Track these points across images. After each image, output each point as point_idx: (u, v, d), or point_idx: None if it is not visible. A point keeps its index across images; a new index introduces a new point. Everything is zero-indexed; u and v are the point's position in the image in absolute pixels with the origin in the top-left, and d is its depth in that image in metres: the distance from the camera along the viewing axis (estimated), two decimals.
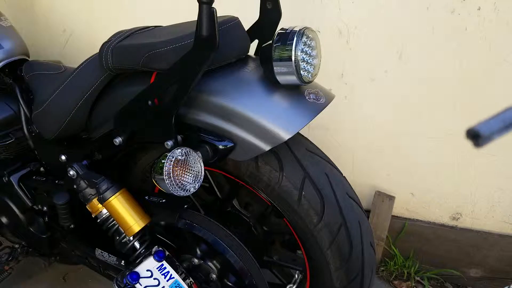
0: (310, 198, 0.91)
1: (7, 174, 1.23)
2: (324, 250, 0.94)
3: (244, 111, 0.83)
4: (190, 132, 0.88)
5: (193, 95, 0.86)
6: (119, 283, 0.94)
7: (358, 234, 0.96)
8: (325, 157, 0.98)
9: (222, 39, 0.76)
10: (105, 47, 0.91)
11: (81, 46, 1.72)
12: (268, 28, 0.97)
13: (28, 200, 1.24)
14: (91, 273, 1.36)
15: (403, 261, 1.62)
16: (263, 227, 1.13)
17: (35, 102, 1.11)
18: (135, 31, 0.96)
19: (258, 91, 0.85)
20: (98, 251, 1.15)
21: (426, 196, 1.57)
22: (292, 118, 0.83)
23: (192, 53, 0.77)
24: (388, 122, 1.49)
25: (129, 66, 0.90)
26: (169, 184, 0.75)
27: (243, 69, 0.89)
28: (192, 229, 0.99)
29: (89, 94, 0.98)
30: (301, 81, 0.83)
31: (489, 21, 1.28)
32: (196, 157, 0.79)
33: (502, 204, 1.51)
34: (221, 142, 0.85)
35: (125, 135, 0.92)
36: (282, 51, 0.80)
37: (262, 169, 0.92)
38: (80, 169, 1.04)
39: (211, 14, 0.71)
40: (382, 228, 1.58)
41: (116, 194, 0.97)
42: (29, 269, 1.61)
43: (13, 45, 1.23)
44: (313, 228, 0.92)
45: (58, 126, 1.04)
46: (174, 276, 0.95)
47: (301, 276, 1.13)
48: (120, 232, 1.04)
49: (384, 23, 1.36)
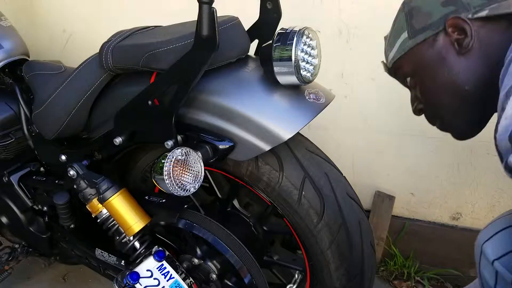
0: (310, 198, 0.91)
1: (7, 174, 1.23)
2: (324, 250, 0.94)
3: (244, 111, 0.83)
4: (190, 132, 0.88)
5: (193, 95, 0.86)
6: (119, 283, 0.94)
7: (358, 234, 0.96)
8: (325, 157, 0.98)
9: (222, 39, 0.76)
10: (105, 47, 0.91)
11: (81, 46, 1.72)
12: (268, 28, 0.97)
13: (28, 200, 1.24)
14: (91, 273, 1.36)
15: (403, 261, 1.62)
16: (263, 227, 1.13)
17: (35, 102, 1.11)
18: (135, 31, 0.96)
19: (258, 91, 0.85)
20: (98, 251, 1.15)
21: (426, 196, 1.57)
22: (292, 118, 0.83)
23: (192, 53, 0.77)
24: (388, 122, 1.49)
25: (129, 66, 0.90)
26: (169, 184, 0.75)
27: (243, 69, 0.89)
28: (192, 229, 0.99)
29: (89, 94, 0.98)
30: (301, 81, 0.83)
31: None
32: (196, 157, 0.79)
33: (502, 204, 1.51)
34: (221, 142, 0.85)
35: (125, 135, 0.92)
36: (282, 51, 0.80)
37: (262, 169, 0.92)
38: (80, 169, 1.04)
39: (211, 14, 0.71)
40: (382, 228, 1.58)
41: (116, 194, 0.97)
42: (29, 269, 1.61)
43: (13, 45, 1.23)
44: (313, 228, 0.92)
45: (58, 126, 1.04)
46: (174, 276, 0.95)
47: (301, 276, 1.13)
48: (120, 232, 1.04)
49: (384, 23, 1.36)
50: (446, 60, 0.73)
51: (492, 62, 0.67)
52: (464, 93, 0.72)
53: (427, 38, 0.74)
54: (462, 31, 0.70)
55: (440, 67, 0.73)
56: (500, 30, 0.68)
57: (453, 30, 0.71)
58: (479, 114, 0.75)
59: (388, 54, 0.85)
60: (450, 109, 0.76)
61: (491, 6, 0.68)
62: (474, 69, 0.70)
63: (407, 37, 0.77)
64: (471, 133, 0.80)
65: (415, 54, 0.77)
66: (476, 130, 0.79)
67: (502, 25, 0.68)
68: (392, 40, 0.82)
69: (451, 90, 0.73)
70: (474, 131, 0.79)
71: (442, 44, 0.73)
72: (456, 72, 0.72)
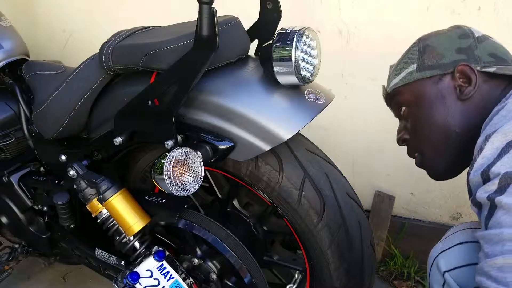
0: (310, 198, 0.91)
1: (7, 174, 1.23)
2: (324, 250, 0.94)
3: (244, 111, 0.83)
4: (190, 132, 0.88)
5: (193, 95, 0.86)
6: (119, 283, 0.94)
7: (358, 234, 0.96)
8: (325, 157, 0.98)
9: (222, 39, 0.76)
10: (105, 47, 0.91)
11: (81, 46, 1.72)
12: (268, 28, 0.97)
13: (28, 200, 1.24)
14: (91, 273, 1.36)
15: (403, 261, 1.62)
16: (263, 227, 1.13)
17: (35, 102, 1.11)
18: (135, 31, 0.96)
19: (258, 91, 0.85)
20: (98, 251, 1.15)
21: (426, 196, 1.57)
22: (292, 118, 0.83)
23: (192, 53, 0.77)
24: (389, 122, 1.49)
25: (129, 66, 0.90)
26: (169, 184, 0.75)
27: (243, 69, 0.89)
28: (192, 229, 0.99)
29: (89, 94, 0.98)
30: (301, 81, 0.83)
31: (489, 21, 1.28)
32: (196, 157, 0.79)
33: None
34: (221, 142, 0.85)
35: (125, 135, 0.92)
36: (282, 51, 0.80)
37: (262, 169, 0.92)
38: (80, 169, 1.04)
39: (211, 14, 0.71)
40: (382, 228, 1.59)
41: (116, 194, 0.97)
42: (29, 269, 1.61)
43: (13, 45, 1.23)
44: (313, 228, 0.92)
45: (58, 126, 1.04)
46: (174, 276, 0.95)
47: (301, 276, 1.13)
48: (120, 232, 1.04)
49: (384, 23, 1.36)
50: (445, 100, 0.77)
51: (484, 114, 0.71)
52: (452, 135, 0.76)
53: (434, 76, 0.78)
54: (468, 79, 0.75)
55: (438, 105, 0.77)
56: (499, 88, 0.73)
57: (460, 76, 0.75)
58: (458, 160, 0.79)
59: (391, 80, 0.87)
60: (434, 146, 0.80)
61: (499, 66, 0.74)
62: (467, 116, 0.75)
63: (415, 69, 0.81)
64: (445, 175, 0.83)
65: (418, 87, 0.80)
66: (450, 173, 0.82)
67: (502, 84, 0.74)
68: (399, 68, 0.85)
69: (441, 129, 0.77)
70: (448, 173, 0.82)
71: (447, 85, 0.77)
72: (451, 113, 0.76)
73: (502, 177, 0.54)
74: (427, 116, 0.79)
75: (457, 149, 0.77)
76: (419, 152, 0.84)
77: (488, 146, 0.58)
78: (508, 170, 0.54)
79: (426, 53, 0.80)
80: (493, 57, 0.75)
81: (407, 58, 0.84)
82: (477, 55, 0.76)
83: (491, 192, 0.56)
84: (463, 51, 0.77)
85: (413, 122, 0.83)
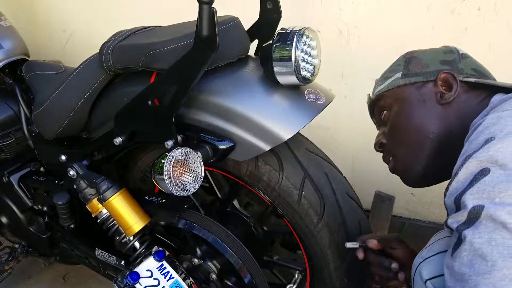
0: (310, 198, 0.91)
1: (7, 174, 1.23)
2: (324, 250, 0.94)
3: (244, 111, 0.83)
4: (190, 132, 0.88)
5: (193, 95, 0.86)
6: (119, 283, 0.94)
7: (358, 234, 0.96)
8: (325, 157, 0.98)
9: (222, 39, 0.76)
10: (105, 47, 0.91)
11: (81, 46, 1.72)
12: (268, 28, 0.97)
13: (28, 200, 1.24)
14: (91, 273, 1.36)
15: None
16: (263, 227, 1.13)
17: (35, 102, 1.11)
18: (135, 31, 0.96)
19: (258, 91, 0.85)
20: (98, 251, 1.15)
21: (426, 196, 1.57)
22: (292, 118, 0.83)
23: (192, 53, 0.77)
24: None
25: (129, 66, 0.90)
26: (169, 184, 0.75)
27: (243, 69, 0.89)
28: (192, 229, 0.99)
29: (89, 94, 0.98)
30: (301, 81, 0.83)
31: (489, 21, 1.28)
32: (196, 157, 0.79)
33: None
34: (221, 142, 0.85)
35: (125, 135, 0.92)
36: (282, 51, 0.80)
37: (262, 169, 0.92)
38: (80, 169, 1.04)
39: (211, 14, 0.71)
40: (382, 228, 1.58)
41: (116, 194, 0.97)
42: (29, 269, 1.61)
43: (13, 45, 1.23)
44: (313, 228, 0.92)
45: (58, 126, 1.04)
46: (174, 276, 0.95)
47: (301, 276, 1.13)
48: (120, 232, 1.04)
49: (384, 23, 1.36)
50: (425, 103, 0.80)
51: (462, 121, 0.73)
52: (428, 136, 0.78)
53: (417, 82, 0.81)
54: (449, 86, 0.78)
55: (417, 107, 0.80)
56: (478, 98, 0.76)
57: (442, 83, 0.79)
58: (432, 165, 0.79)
59: (376, 88, 0.91)
60: (408, 148, 0.81)
61: (479, 78, 0.78)
62: (444, 120, 0.77)
63: (399, 76, 0.84)
64: (417, 180, 0.83)
65: (401, 91, 0.83)
66: (423, 179, 0.83)
67: (481, 95, 0.77)
68: (385, 77, 0.89)
69: (417, 130, 0.79)
70: (421, 179, 0.83)
71: (428, 91, 0.80)
72: (429, 116, 0.79)
73: (470, 211, 0.55)
74: (405, 118, 0.81)
75: (432, 153, 0.78)
76: (393, 156, 0.85)
77: (462, 171, 0.59)
78: (475, 204, 0.55)
79: (412, 63, 0.84)
80: (475, 72, 0.79)
81: (393, 68, 0.88)
82: (460, 67, 0.80)
83: (460, 223, 0.57)
84: (447, 63, 0.80)
85: (391, 124, 0.85)
